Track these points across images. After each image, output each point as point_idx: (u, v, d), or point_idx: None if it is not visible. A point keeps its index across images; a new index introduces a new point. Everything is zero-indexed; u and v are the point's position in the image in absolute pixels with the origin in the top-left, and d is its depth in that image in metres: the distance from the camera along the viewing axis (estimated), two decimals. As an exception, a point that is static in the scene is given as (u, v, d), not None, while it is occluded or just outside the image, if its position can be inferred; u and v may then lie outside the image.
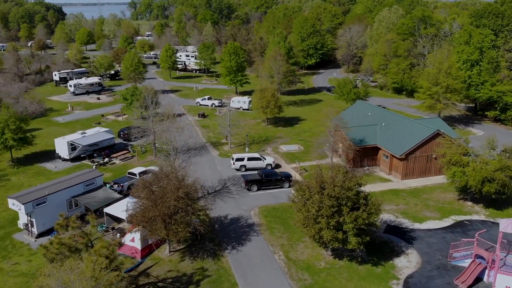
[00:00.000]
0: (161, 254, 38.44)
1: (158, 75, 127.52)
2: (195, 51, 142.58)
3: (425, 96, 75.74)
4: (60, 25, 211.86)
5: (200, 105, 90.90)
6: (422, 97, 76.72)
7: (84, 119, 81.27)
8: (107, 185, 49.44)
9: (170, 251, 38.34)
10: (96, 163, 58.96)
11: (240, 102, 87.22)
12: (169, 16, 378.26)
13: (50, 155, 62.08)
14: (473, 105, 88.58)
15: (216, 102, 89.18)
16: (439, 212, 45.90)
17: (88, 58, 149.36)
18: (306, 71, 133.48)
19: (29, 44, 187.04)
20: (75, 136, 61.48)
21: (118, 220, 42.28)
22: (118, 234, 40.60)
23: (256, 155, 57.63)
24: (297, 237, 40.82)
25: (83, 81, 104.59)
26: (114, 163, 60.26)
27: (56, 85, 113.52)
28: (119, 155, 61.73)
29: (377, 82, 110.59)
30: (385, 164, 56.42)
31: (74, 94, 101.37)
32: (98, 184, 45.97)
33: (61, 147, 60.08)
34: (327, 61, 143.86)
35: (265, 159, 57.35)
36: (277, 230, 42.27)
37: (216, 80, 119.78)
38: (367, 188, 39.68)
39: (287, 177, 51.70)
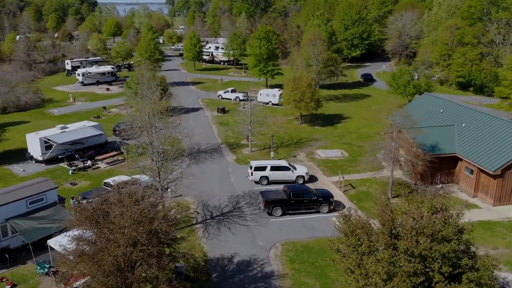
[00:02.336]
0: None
1: (182, 67, 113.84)
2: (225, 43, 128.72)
3: (509, 90, 57.97)
4: (90, 17, 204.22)
5: (222, 98, 76.14)
6: (505, 92, 58.90)
7: (84, 112, 68.11)
8: (72, 201, 35.38)
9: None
10: (74, 167, 45.12)
11: (269, 95, 71.67)
12: (206, 12, 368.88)
13: (24, 154, 48.81)
14: None
15: (241, 96, 74.00)
16: None
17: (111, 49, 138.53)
18: (349, 64, 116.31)
19: (55, 35, 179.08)
20: (51, 132, 47.92)
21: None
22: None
23: (283, 163, 42.01)
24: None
25: (93, 69, 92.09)
26: (99, 167, 46.25)
27: (67, 75, 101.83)
28: (106, 157, 47.66)
29: (436, 76, 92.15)
30: (467, 182, 39.45)
31: (83, 84, 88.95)
32: (50, 200, 31.71)
33: (33, 145, 46.69)
34: (373, 54, 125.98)
35: (295, 169, 41.69)
36: (309, 288, 26.66)
37: (245, 72, 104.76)
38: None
39: (326, 197, 35.89)
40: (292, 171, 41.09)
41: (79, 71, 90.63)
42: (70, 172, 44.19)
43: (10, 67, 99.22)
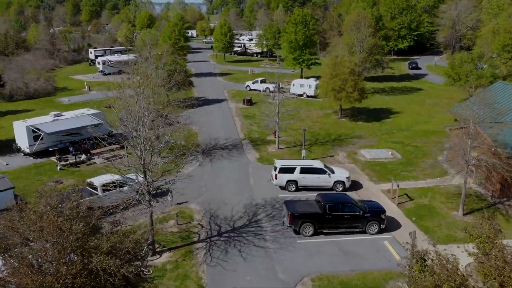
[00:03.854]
0: None
1: (212, 59, 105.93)
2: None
3: None
4: (124, 10, 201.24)
5: (251, 89, 67.39)
6: None
7: (95, 101, 60.88)
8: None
9: None
10: (64, 162, 37.43)
11: (303, 86, 62.17)
12: (244, 9, 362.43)
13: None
14: None
15: (271, 86, 64.91)
16: None
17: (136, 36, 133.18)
18: (395, 57, 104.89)
19: (88, 28, 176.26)
20: (42, 120, 40.53)
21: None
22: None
23: (317, 164, 32.63)
24: None
25: (115, 58, 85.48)
26: (95, 163, 38.43)
27: (90, 64, 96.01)
28: (103, 151, 39.78)
29: (498, 68, 79.84)
30: None
31: (103, 73, 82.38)
32: (2, 204, 23.81)
33: (21, 134, 39.42)
34: (422, 46, 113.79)
35: (332, 172, 32.25)
36: None
37: (279, 63, 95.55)
38: None
39: (375, 213, 26.31)
40: (329, 174, 31.66)
41: (100, 59, 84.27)
42: (58, 167, 36.54)
43: (31, 56, 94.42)
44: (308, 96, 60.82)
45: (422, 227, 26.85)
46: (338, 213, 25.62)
